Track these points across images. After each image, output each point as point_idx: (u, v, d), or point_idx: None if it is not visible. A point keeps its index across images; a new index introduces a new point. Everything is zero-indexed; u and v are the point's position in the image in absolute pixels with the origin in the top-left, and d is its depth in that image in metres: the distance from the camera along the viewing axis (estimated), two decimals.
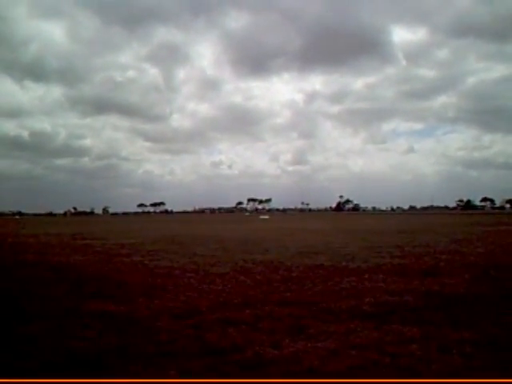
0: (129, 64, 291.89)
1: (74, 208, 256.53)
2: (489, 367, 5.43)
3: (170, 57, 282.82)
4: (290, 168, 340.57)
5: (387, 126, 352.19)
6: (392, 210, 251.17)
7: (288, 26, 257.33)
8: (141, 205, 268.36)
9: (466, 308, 8.45)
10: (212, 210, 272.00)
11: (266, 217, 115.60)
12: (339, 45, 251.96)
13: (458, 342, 6.41)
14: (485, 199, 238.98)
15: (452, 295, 9.65)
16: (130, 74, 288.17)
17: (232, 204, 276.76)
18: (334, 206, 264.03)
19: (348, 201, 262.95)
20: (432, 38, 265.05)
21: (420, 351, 6.07)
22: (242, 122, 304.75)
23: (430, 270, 13.23)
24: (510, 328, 7.07)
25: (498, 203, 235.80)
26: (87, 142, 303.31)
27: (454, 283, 11.08)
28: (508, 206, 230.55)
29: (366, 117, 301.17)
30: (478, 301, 9.04)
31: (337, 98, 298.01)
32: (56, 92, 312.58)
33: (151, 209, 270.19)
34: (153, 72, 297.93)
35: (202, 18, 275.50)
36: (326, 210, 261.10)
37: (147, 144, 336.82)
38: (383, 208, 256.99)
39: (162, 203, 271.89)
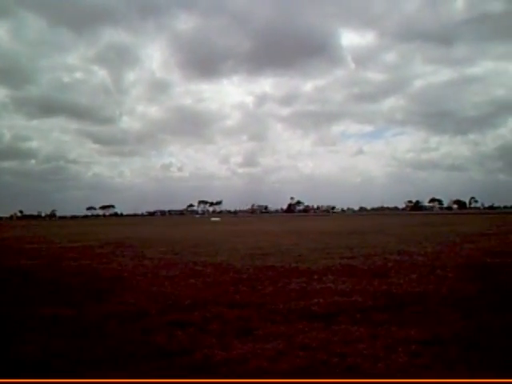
0: (76, 65, 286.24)
1: (21, 211, 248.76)
2: (433, 365, 5.69)
3: (118, 59, 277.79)
4: (241, 170, 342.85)
5: (337, 128, 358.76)
6: (342, 211, 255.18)
7: (237, 28, 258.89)
8: (90, 208, 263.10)
9: (413, 307, 8.77)
10: (162, 213, 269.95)
11: (217, 219, 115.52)
12: (289, 48, 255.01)
13: (405, 340, 6.67)
14: (433, 200, 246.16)
15: (399, 295, 9.98)
16: (78, 75, 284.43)
17: (183, 206, 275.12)
18: (285, 207, 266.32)
19: (299, 202, 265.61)
20: (380, 42, 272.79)
21: (367, 350, 6.29)
22: (193, 125, 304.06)
23: (378, 271, 13.63)
24: (455, 326, 7.39)
25: (445, 204, 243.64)
26: (34, 144, 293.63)
27: (401, 283, 11.45)
28: (455, 206, 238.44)
29: (316, 119, 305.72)
30: (425, 300, 9.40)
31: (287, 100, 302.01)
32: (0, 93, 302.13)
33: (100, 212, 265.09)
34: (101, 74, 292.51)
35: (152, 20, 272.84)
36: (276, 211, 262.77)
37: (96, 146, 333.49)
38: (339, 209, 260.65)
39: (111, 206, 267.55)
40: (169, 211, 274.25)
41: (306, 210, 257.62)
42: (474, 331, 7.01)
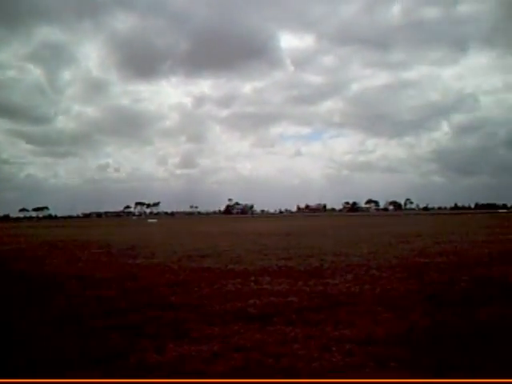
0: (9, 63, 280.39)
1: None
2: (366, 363, 5.84)
3: (54, 57, 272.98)
4: (179, 171, 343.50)
5: (275, 130, 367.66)
6: (280, 212, 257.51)
7: (176, 29, 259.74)
8: (22, 209, 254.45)
9: (348, 307, 8.97)
10: (98, 215, 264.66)
11: (154, 220, 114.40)
12: (228, 49, 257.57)
13: (339, 340, 6.81)
14: (369, 201, 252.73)
15: (335, 295, 10.19)
16: (11, 73, 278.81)
17: (119, 208, 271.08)
18: (222, 209, 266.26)
19: (237, 204, 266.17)
20: (318, 45, 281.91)
21: (302, 351, 6.38)
22: (130, 125, 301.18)
23: (314, 272, 13.87)
24: (388, 325, 7.62)
25: (381, 205, 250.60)
26: None
27: (337, 283, 11.70)
28: (391, 207, 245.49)
29: (255, 121, 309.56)
30: (360, 300, 9.64)
31: (225, 101, 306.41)
32: None
33: (34, 213, 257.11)
34: (36, 72, 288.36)
35: (89, 19, 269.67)
36: (214, 213, 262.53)
37: (29, 147, 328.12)
38: (272, 211, 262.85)
39: (45, 208, 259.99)
40: (105, 213, 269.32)
41: (244, 211, 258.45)
42: (405, 330, 7.24)
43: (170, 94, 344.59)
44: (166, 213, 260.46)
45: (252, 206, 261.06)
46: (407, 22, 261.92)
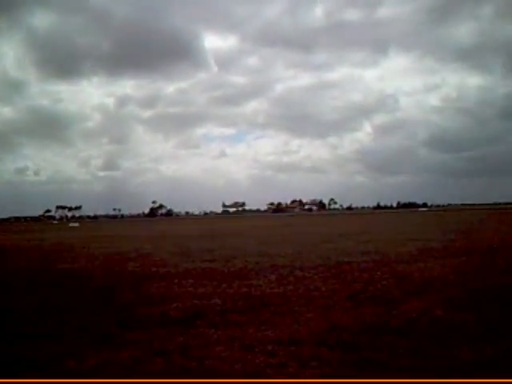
0: None
1: None
2: (288, 363, 5.99)
3: None
4: (102, 173, 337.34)
5: (200, 131, 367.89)
6: (205, 214, 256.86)
7: (97, 28, 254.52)
8: None
9: (272, 308, 9.13)
10: (17, 219, 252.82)
11: (76, 224, 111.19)
12: (150, 49, 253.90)
13: (261, 341, 6.94)
14: (294, 201, 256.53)
15: (258, 296, 10.35)
16: None
17: (39, 212, 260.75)
18: (146, 211, 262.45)
19: (161, 206, 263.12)
20: (242, 46, 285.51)
21: (225, 352, 6.47)
22: (50, 127, 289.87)
23: (238, 273, 14.01)
24: (310, 325, 7.83)
25: (306, 205, 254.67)
26: None
27: (261, 284, 11.89)
28: (315, 207, 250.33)
29: (179, 122, 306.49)
30: (282, 300, 9.84)
31: (149, 102, 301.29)
32: None
33: None
34: None
35: (4, 16, 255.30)
36: (138, 215, 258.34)
37: None
38: (196, 213, 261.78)
39: None
40: (24, 217, 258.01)
41: (169, 213, 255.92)
42: (327, 329, 7.47)
43: (91, 95, 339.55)
44: (89, 216, 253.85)
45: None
46: (329, 24, 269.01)
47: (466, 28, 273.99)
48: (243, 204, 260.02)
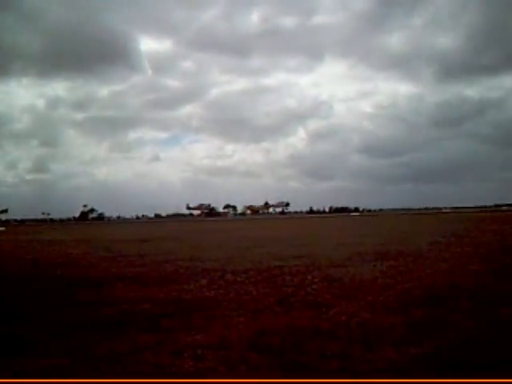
0: None
1: None
2: (217, 368, 5.98)
3: None
4: (30, 177, 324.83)
5: (133, 135, 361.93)
6: (137, 218, 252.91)
7: (27, 27, 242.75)
8: None
9: (203, 312, 9.09)
10: None
11: (3, 228, 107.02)
12: (84, 51, 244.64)
13: (191, 345, 6.90)
14: (227, 206, 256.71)
15: (189, 301, 10.29)
16: None
17: None
18: (77, 215, 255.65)
19: (92, 210, 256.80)
20: (177, 50, 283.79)
21: (153, 358, 6.40)
22: None
23: (169, 277, 13.90)
24: (240, 329, 7.84)
25: (239, 210, 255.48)
26: None
27: (192, 289, 11.83)
28: (249, 212, 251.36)
29: (112, 125, 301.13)
30: (213, 305, 9.82)
31: (81, 105, 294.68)
32: None
33: None
34: None
35: None
36: (69, 219, 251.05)
37: None
38: (128, 216, 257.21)
39: None
40: None
41: (100, 217, 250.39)
42: (257, 334, 7.49)
43: (20, 96, 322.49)
44: (16, 220, 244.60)
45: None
46: (265, 30, 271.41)
47: (398, 37, 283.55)
48: (212, 208, 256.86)
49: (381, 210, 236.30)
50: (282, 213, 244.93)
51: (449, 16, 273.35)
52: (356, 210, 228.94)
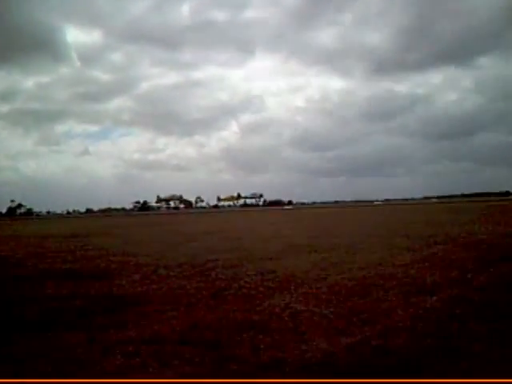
0: None
1: None
2: (149, 363, 5.94)
3: None
4: None
5: (61, 128, 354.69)
6: (68, 213, 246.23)
7: None
8: None
9: (134, 308, 9.01)
10: None
11: None
12: (6, 40, 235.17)
13: (123, 341, 6.83)
14: (160, 200, 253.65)
15: (121, 296, 10.15)
16: None
17: None
18: (4, 211, 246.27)
19: (20, 205, 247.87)
20: (106, 41, 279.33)
21: (84, 355, 6.29)
22: None
23: (100, 273, 13.64)
24: (173, 323, 7.81)
25: (172, 204, 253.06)
26: None
27: (124, 284, 11.67)
28: (182, 205, 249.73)
29: (39, 117, 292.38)
30: (146, 299, 9.74)
31: (5, 97, 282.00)
32: None
33: None
34: None
35: None
36: None
37: None
38: (59, 212, 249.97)
39: None
40: None
41: (29, 213, 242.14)
42: (190, 328, 7.49)
43: None
44: None
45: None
46: (196, 23, 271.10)
47: (329, 33, 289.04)
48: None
49: (314, 202, 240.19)
50: (216, 207, 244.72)
51: (378, 13, 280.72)
52: (289, 203, 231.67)
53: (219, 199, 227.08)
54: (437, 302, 8.60)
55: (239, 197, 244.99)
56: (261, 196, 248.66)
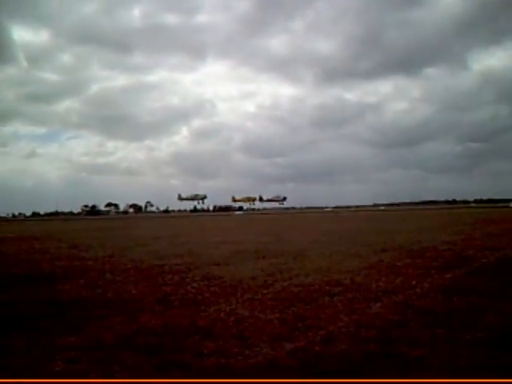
0: None
1: None
2: (90, 369, 5.84)
3: None
4: None
5: (7, 129, 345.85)
6: (13, 216, 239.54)
7: None
8: None
9: (77, 312, 8.89)
10: None
11: None
12: None
13: (64, 347, 6.69)
14: (109, 204, 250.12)
15: (65, 301, 9.97)
16: None
17: None
18: None
19: None
20: (54, 42, 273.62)
21: (23, 360, 6.14)
22: None
23: (44, 277, 13.36)
24: (117, 329, 7.72)
25: (122, 208, 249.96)
26: None
27: (67, 289, 11.46)
28: (132, 210, 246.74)
29: None
30: (90, 304, 9.60)
31: None
32: None
33: None
34: None
35: None
36: None
37: None
38: (3, 215, 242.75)
39: None
40: None
41: None
42: (134, 333, 7.41)
43: None
44: None
45: None
46: (148, 26, 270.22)
47: (280, 40, 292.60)
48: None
49: (264, 208, 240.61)
50: (166, 211, 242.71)
51: (329, 22, 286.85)
52: (240, 208, 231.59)
53: (234, 200, 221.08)
54: (381, 309, 8.76)
55: (255, 199, 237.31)
56: (284, 199, 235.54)
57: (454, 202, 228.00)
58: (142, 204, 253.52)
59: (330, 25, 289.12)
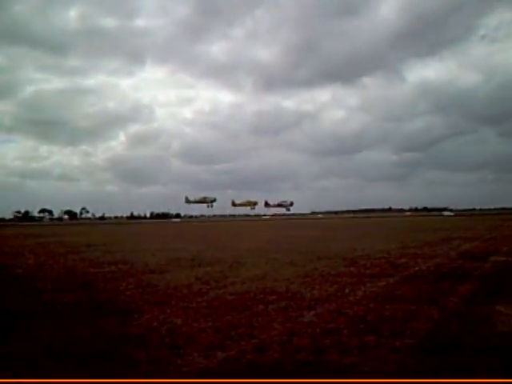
0: None
1: None
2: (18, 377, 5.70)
3: None
4: None
5: None
6: None
7: None
8: None
9: (5, 323, 8.65)
10: None
11: None
12: None
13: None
14: (43, 210, 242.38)
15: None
16: None
17: None
18: None
19: None
20: None
21: None
22: None
23: None
24: (44, 339, 7.52)
25: (56, 214, 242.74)
26: None
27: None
28: (66, 216, 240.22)
29: None
30: (16, 315, 9.34)
31: None
32: None
33: None
34: None
35: None
36: None
37: None
38: None
39: None
40: None
41: None
42: (64, 343, 7.25)
43: None
44: None
45: None
46: (84, 29, 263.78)
47: (219, 47, 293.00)
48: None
49: (202, 215, 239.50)
50: (102, 218, 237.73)
51: (268, 30, 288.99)
52: (177, 215, 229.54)
53: (234, 204, 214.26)
54: (314, 317, 8.88)
55: (256, 203, 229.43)
56: (291, 204, 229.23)
57: (390, 210, 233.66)
58: (77, 210, 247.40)
59: (269, 33, 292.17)
